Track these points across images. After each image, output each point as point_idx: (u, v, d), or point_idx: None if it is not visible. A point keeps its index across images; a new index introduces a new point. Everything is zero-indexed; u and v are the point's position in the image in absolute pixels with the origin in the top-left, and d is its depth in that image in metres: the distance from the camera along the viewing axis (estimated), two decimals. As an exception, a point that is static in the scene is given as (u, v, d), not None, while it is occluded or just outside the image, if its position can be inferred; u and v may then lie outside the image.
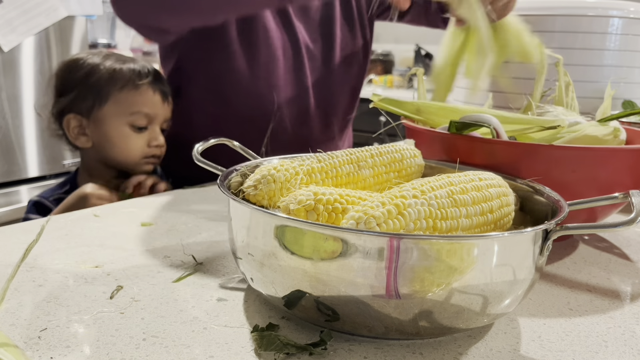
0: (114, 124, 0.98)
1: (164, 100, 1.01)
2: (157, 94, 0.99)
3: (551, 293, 0.56)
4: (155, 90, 0.99)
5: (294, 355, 0.42)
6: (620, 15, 1.00)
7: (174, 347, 0.43)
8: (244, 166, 0.57)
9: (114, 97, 0.98)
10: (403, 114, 0.76)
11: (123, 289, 0.53)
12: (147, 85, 0.98)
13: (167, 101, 1.01)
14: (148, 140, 0.99)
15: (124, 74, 0.98)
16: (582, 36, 1.01)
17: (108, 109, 0.98)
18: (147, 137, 0.99)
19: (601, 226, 0.45)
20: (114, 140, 0.99)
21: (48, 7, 1.93)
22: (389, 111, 0.76)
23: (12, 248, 0.62)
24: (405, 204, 0.41)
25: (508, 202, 0.50)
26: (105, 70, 0.98)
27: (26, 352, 0.42)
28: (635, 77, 1.04)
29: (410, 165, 0.60)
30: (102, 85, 0.98)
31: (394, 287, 0.39)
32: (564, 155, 0.60)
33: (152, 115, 0.99)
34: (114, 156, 1.00)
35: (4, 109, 1.88)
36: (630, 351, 0.46)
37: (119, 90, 0.97)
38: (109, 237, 0.66)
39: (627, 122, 0.81)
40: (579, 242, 0.72)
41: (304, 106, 1.11)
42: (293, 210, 0.45)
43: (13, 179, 1.91)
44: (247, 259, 0.46)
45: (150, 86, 0.98)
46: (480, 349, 0.45)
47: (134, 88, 0.97)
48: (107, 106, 0.98)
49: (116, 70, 0.98)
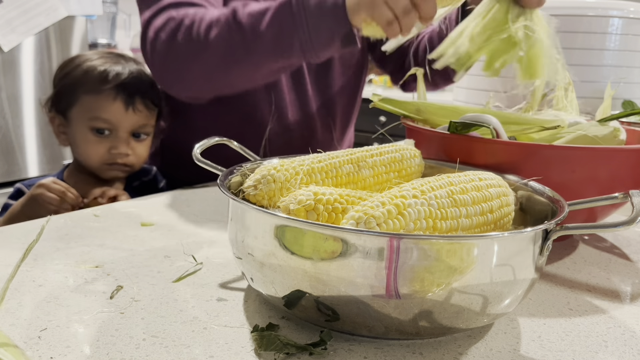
0: (78, 127, 0.98)
1: (127, 107, 0.97)
2: (118, 100, 0.96)
3: (551, 293, 0.56)
4: (116, 97, 0.96)
5: (294, 355, 0.42)
6: (620, 15, 1.00)
7: (174, 347, 0.43)
8: (244, 166, 0.57)
9: (80, 100, 0.97)
10: (403, 114, 0.76)
11: (123, 289, 0.53)
12: (110, 90, 0.96)
13: (132, 108, 0.97)
14: (109, 147, 0.97)
15: (92, 77, 0.97)
16: (582, 36, 1.01)
17: (75, 110, 0.98)
18: (109, 144, 0.97)
19: (601, 226, 0.45)
20: (77, 142, 0.99)
21: (48, 7, 1.93)
22: (389, 111, 0.76)
23: (12, 248, 0.62)
24: (405, 204, 0.41)
25: (508, 202, 0.50)
26: (80, 71, 0.98)
27: (26, 352, 0.42)
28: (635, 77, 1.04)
29: (410, 165, 0.60)
30: (73, 87, 0.98)
31: (394, 287, 0.39)
32: (564, 155, 0.60)
33: (112, 122, 0.96)
34: (79, 158, 1.01)
35: (4, 109, 1.88)
36: (630, 351, 0.46)
37: (84, 93, 0.97)
38: (109, 237, 0.66)
39: (627, 122, 0.81)
40: (579, 242, 0.72)
41: (303, 106, 1.11)
42: (293, 210, 0.45)
43: (13, 179, 1.91)
44: (247, 259, 0.46)
45: (113, 92, 0.96)
46: (480, 349, 0.45)
47: (96, 93, 0.96)
48: (75, 108, 0.98)
49: (88, 72, 0.97)
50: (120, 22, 2.91)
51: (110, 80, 0.96)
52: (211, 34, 0.83)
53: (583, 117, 0.74)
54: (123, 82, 0.97)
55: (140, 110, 0.99)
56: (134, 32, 3.02)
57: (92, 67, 0.98)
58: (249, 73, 0.86)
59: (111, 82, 0.96)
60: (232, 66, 0.84)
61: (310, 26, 0.80)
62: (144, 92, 0.99)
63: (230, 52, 0.83)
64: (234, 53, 0.83)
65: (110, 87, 0.96)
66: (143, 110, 0.99)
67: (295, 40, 0.81)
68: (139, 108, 0.98)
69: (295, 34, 0.80)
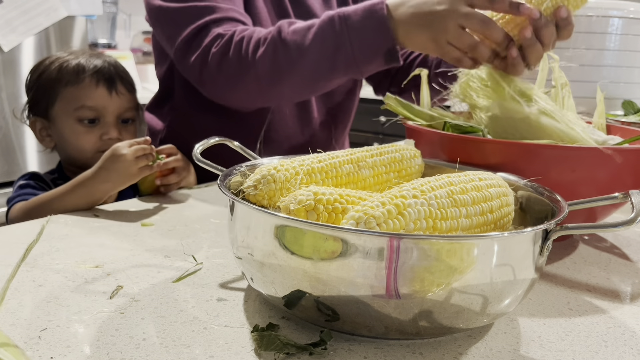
0: (64, 122, 0.98)
1: (110, 91, 0.98)
2: (100, 86, 0.97)
3: (551, 293, 0.56)
4: (98, 83, 0.97)
5: (294, 355, 0.42)
6: (620, 15, 1.00)
7: (174, 347, 0.43)
8: (244, 166, 0.57)
9: (60, 94, 0.97)
10: (412, 119, 0.75)
11: (123, 289, 0.53)
12: (90, 78, 0.96)
13: (115, 91, 0.98)
14: (100, 134, 0.97)
15: (68, 70, 0.97)
16: (582, 36, 1.01)
17: (58, 107, 0.98)
18: (99, 131, 0.97)
19: (601, 226, 0.45)
20: (66, 137, 0.99)
21: (48, 7, 1.93)
22: (399, 114, 0.76)
23: (12, 248, 0.62)
24: (405, 204, 0.41)
25: (508, 202, 0.50)
26: (53, 69, 0.98)
27: (26, 352, 0.42)
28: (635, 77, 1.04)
29: (410, 165, 0.60)
30: (50, 85, 0.97)
31: (394, 287, 0.39)
32: (564, 155, 0.60)
33: (98, 108, 0.97)
34: (70, 154, 1.00)
35: (4, 109, 1.88)
36: (630, 351, 0.46)
37: (63, 87, 0.97)
38: (109, 237, 0.66)
39: (627, 122, 0.81)
40: (579, 242, 0.72)
41: (301, 106, 1.11)
42: (293, 210, 0.45)
43: (13, 179, 1.91)
44: (247, 259, 0.46)
45: (94, 79, 0.96)
46: (480, 349, 0.45)
47: (76, 83, 0.96)
48: (56, 105, 0.98)
49: (62, 68, 0.97)
50: (120, 22, 2.90)
51: (87, 69, 0.97)
52: (259, 52, 0.86)
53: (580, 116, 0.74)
54: (101, 69, 0.98)
55: (123, 94, 1.00)
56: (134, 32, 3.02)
57: (66, 61, 0.98)
58: (297, 88, 0.89)
59: (89, 70, 0.97)
60: (280, 82, 0.87)
61: (353, 43, 0.81)
62: (122, 76, 1.00)
63: (276, 68, 0.86)
64: (280, 70, 0.86)
65: (89, 74, 0.97)
66: (125, 93, 1.00)
67: (339, 56, 0.82)
68: (121, 91, 0.99)
69: (339, 51, 0.82)
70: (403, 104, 0.77)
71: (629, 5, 1.01)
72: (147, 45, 2.90)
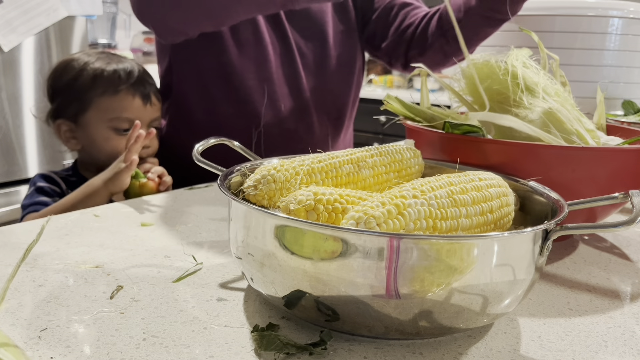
0: (97, 129, 0.99)
1: (146, 103, 1.00)
2: (137, 97, 0.99)
3: (551, 293, 0.56)
4: (135, 95, 0.99)
5: (294, 355, 0.42)
6: (620, 15, 1.00)
7: (174, 347, 0.43)
8: (243, 166, 0.57)
9: (95, 103, 0.99)
10: (412, 119, 0.75)
11: (123, 289, 0.53)
12: (127, 89, 0.98)
13: (149, 103, 1.01)
14: None
15: (105, 79, 0.98)
16: (582, 36, 1.01)
17: (91, 114, 0.99)
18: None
19: (601, 226, 0.45)
20: (98, 143, 1.00)
21: (48, 7, 1.93)
22: (399, 114, 0.76)
23: (12, 248, 0.62)
24: (405, 204, 0.41)
25: (508, 202, 0.50)
26: (87, 75, 0.99)
27: (26, 352, 0.42)
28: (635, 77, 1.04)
29: (410, 165, 0.60)
30: (84, 92, 0.98)
31: (394, 287, 0.39)
32: (564, 155, 0.60)
33: (133, 119, 0.98)
34: (100, 158, 1.01)
35: (4, 109, 1.88)
36: (630, 351, 0.46)
37: (99, 96, 0.98)
38: (109, 237, 0.66)
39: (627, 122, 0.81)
40: (579, 242, 0.72)
41: (299, 103, 1.11)
42: (293, 210, 0.45)
43: (13, 179, 1.91)
44: (247, 259, 0.46)
45: (130, 90, 0.98)
46: (480, 349, 0.45)
47: (113, 94, 0.98)
48: (89, 112, 0.99)
49: (97, 76, 0.98)
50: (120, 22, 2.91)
51: (124, 79, 0.98)
52: None
53: None
54: (137, 79, 1.00)
55: (155, 104, 1.02)
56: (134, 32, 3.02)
57: (98, 70, 0.99)
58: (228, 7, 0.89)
59: (126, 81, 0.98)
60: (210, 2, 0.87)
61: None
62: (153, 85, 1.03)
63: None
64: None
65: (127, 86, 0.98)
66: (156, 103, 1.03)
67: None
68: (154, 102, 1.02)
69: None
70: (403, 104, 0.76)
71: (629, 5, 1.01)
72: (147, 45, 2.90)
